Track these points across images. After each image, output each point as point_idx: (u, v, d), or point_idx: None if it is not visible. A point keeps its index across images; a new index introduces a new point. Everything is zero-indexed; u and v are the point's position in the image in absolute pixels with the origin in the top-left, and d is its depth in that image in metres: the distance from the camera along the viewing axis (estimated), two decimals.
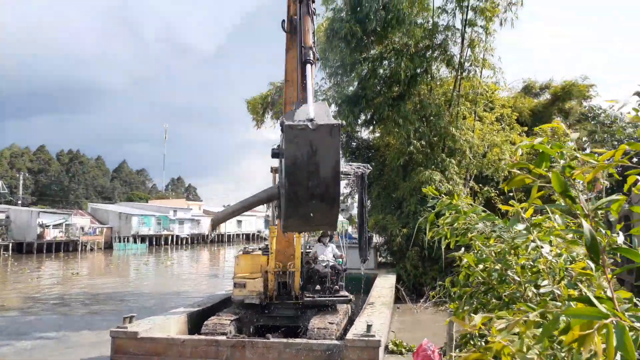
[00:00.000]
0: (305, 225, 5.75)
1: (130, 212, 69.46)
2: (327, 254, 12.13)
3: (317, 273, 11.48)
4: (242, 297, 11.12)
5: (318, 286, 11.27)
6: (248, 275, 11.36)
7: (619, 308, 1.53)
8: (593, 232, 1.29)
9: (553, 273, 2.39)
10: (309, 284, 11.51)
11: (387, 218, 18.47)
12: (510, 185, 1.56)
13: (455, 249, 3.26)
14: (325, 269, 11.54)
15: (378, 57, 19.08)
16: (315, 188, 4.65)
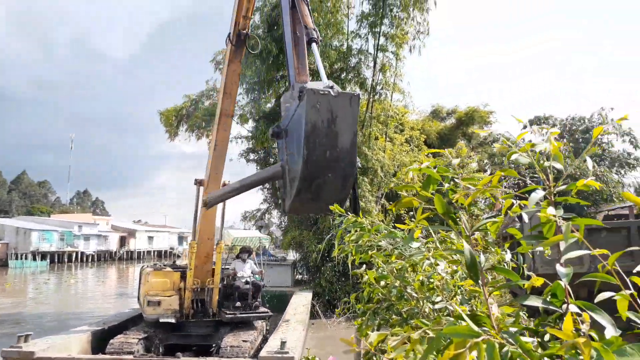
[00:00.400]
0: (313, 203, 5.16)
1: (29, 226, 64.23)
2: (246, 270, 12.07)
3: (237, 289, 11.40)
4: (157, 315, 10.69)
5: (238, 302, 11.20)
6: (160, 292, 10.94)
7: (496, 324, 1.63)
8: (472, 252, 1.36)
9: (448, 289, 2.52)
10: (228, 300, 11.37)
11: (303, 234, 18.59)
12: (398, 207, 1.62)
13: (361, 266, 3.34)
14: (246, 285, 11.49)
15: None
16: (332, 159, 4.45)
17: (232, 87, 10.24)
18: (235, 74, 10.09)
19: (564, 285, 1.25)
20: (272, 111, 19.81)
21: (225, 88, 10.21)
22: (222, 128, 10.53)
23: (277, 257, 22.54)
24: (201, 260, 11.20)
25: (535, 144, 1.32)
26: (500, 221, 1.50)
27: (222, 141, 10.73)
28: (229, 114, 10.54)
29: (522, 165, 1.42)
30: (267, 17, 18.87)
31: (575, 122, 30.64)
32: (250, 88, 20.20)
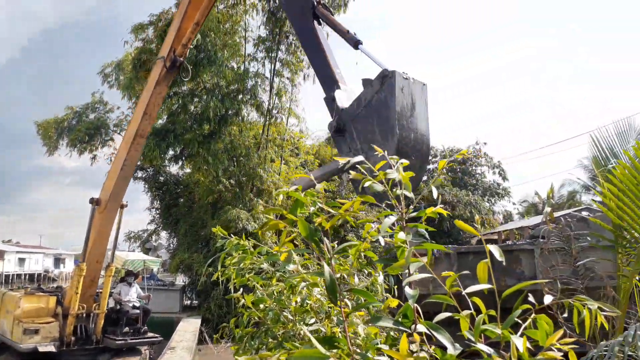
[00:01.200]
0: None
1: None
2: (132, 295, 11.53)
3: (125, 314, 10.87)
4: (34, 344, 9.71)
5: (127, 328, 10.73)
6: (37, 319, 9.99)
7: (358, 344, 1.70)
8: (332, 274, 1.41)
9: (323, 311, 2.58)
10: (112, 326, 10.79)
11: (193, 257, 18.01)
12: (265, 230, 1.64)
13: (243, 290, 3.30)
14: (134, 309, 11.04)
15: (189, 94, 19.01)
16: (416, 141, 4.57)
17: (153, 109, 10.00)
18: (160, 96, 9.90)
19: (412, 306, 1.33)
20: (162, 128, 19.18)
21: (147, 109, 9.87)
22: (134, 148, 10.13)
23: (166, 282, 21.52)
24: (86, 284, 10.46)
25: (388, 173, 1.41)
26: (360, 245, 1.58)
27: (132, 161, 10.34)
28: (144, 135, 10.23)
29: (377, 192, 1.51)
30: (161, 32, 18.45)
31: (453, 153, 33.30)
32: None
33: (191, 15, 8.95)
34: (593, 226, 5.81)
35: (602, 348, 2.95)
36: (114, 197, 10.28)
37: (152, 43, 18.88)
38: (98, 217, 10.28)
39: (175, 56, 9.30)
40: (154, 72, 9.88)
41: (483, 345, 1.16)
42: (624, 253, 4.05)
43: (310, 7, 5.84)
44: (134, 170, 10.56)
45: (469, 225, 1.48)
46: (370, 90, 4.68)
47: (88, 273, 10.33)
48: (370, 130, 4.69)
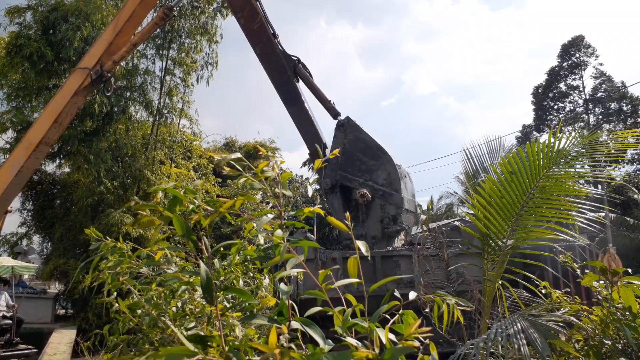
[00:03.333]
0: None
1: None
2: (1, 303, 10.53)
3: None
4: None
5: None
6: None
7: (236, 343, 1.67)
8: (209, 273, 1.38)
9: (204, 315, 2.51)
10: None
11: (69, 263, 16.64)
12: (138, 226, 1.57)
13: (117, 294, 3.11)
14: (5, 319, 10.26)
15: None
16: None
17: (66, 118, 9.23)
18: (76, 106, 9.19)
19: (287, 303, 1.35)
20: None
21: (59, 117, 8.99)
22: (35, 156, 9.17)
23: (37, 290, 19.62)
24: None
25: (265, 171, 1.42)
26: (239, 244, 1.56)
27: (30, 169, 9.38)
28: (50, 144, 9.30)
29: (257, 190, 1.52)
30: (42, 19, 17.03)
31: None
32: (13, 94, 17.71)
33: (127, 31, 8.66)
34: (464, 235, 6.33)
35: (469, 346, 3.21)
36: (2, 204, 9.32)
37: (30, 29, 17.40)
38: None
39: (102, 70, 8.81)
40: (72, 81, 9.20)
41: (351, 338, 1.21)
42: (489, 259, 4.45)
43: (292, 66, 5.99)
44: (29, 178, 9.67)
45: None
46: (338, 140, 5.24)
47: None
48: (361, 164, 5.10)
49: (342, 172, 5.23)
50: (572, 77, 42.83)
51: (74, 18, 16.81)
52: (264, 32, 6.23)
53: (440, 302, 1.38)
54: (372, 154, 5.19)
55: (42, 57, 16.38)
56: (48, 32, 17.03)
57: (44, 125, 9.32)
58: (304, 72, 6.21)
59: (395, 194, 5.32)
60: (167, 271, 2.36)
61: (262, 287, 3.04)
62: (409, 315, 1.39)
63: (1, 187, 9.23)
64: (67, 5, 17.43)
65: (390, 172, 5.03)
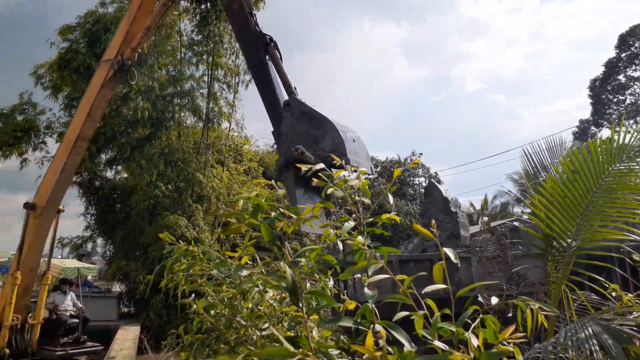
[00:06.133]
0: None
1: None
2: (68, 303, 11.06)
3: (63, 324, 10.48)
4: None
5: (65, 338, 10.37)
6: None
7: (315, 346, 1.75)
8: (294, 277, 1.46)
9: (275, 316, 2.60)
10: (48, 336, 10.32)
11: (130, 264, 17.40)
12: (226, 233, 1.67)
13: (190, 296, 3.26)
14: (73, 318, 10.64)
15: (123, 97, 18.53)
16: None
17: (97, 112, 9.66)
18: (105, 99, 9.60)
19: (371, 307, 1.41)
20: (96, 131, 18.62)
21: (90, 111, 9.49)
22: (75, 152, 9.68)
23: (101, 289, 20.64)
24: (19, 294, 9.92)
25: (348, 180, 1.48)
26: (318, 249, 1.63)
27: (73, 165, 9.89)
28: (87, 138, 9.83)
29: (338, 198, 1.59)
30: (87, 32, 18.11)
31: (392, 164, 34.22)
32: (69, 104, 18.80)
33: (140, 20, 8.86)
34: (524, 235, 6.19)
35: (536, 350, 3.16)
36: (52, 202, 9.81)
37: (79, 44, 18.50)
38: (33, 222, 9.76)
39: (123, 59, 9.10)
40: (98, 74, 9.59)
41: (439, 342, 1.25)
42: (553, 261, 4.35)
43: (264, 43, 6.12)
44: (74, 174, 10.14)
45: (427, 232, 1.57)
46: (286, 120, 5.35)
47: (22, 281, 9.78)
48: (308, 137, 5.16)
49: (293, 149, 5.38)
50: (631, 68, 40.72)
51: (112, 27, 17.63)
52: (242, 11, 6.41)
53: (524, 306, 1.40)
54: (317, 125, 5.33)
55: (88, 68, 17.32)
56: (94, 44, 18.02)
57: (79, 121, 9.81)
58: (274, 51, 6.36)
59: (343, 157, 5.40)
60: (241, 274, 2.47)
61: (327, 289, 3.11)
62: (489, 320, 1.42)
63: (50, 186, 9.79)
64: (108, 17, 18.35)
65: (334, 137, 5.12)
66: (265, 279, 1.84)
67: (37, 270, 10.31)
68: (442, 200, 10.31)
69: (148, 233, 17.68)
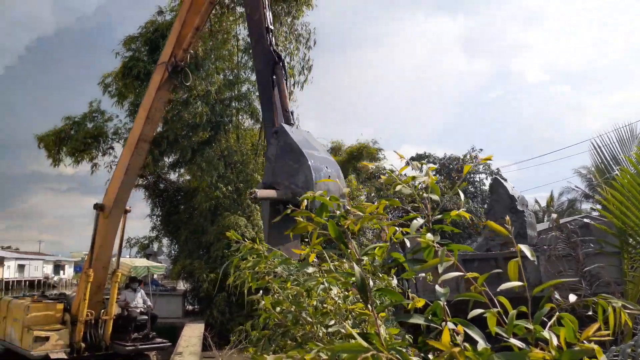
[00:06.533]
0: None
1: None
2: (138, 300, 11.61)
3: (133, 320, 10.98)
4: (45, 352, 9.79)
5: (135, 334, 10.84)
6: (47, 327, 10.04)
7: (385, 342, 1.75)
8: (363, 274, 1.48)
9: (340, 314, 2.63)
10: (119, 332, 10.87)
11: (194, 263, 18.04)
12: (295, 232, 1.71)
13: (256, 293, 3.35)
14: (142, 315, 11.14)
15: (184, 102, 19.23)
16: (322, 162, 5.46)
17: (155, 114, 10.09)
18: (162, 101, 9.99)
19: (442, 304, 1.40)
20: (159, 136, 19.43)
21: (149, 113, 9.96)
22: (137, 153, 10.18)
23: (167, 287, 21.55)
24: (93, 291, 10.51)
25: (416, 177, 1.48)
26: (385, 247, 1.64)
27: (135, 166, 10.39)
28: (147, 140, 10.31)
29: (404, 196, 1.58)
30: (148, 41, 18.91)
31: (450, 161, 33.41)
32: (133, 111, 19.73)
33: (190, 21, 9.04)
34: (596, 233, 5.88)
35: (613, 352, 3.00)
36: (118, 202, 10.34)
37: (141, 52, 19.38)
38: (102, 222, 10.33)
39: (176, 61, 9.37)
40: (155, 78, 9.93)
41: (515, 340, 1.22)
42: (629, 259, 4.11)
43: (271, 61, 6.40)
44: (137, 175, 10.59)
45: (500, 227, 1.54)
46: (272, 147, 5.60)
47: (95, 279, 10.37)
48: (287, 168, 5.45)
49: (273, 177, 5.63)
50: None
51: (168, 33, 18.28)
52: (261, 24, 6.60)
53: (606, 304, 1.34)
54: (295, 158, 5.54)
55: (148, 74, 18.04)
56: (154, 51, 18.76)
57: (139, 124, 10.22)
58: (280, 72, 6.61)
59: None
60: (307, 271, 2.51)
61: (391, 287, 3.11)
62: (567, 318, 1.37)
63: (116, 187, 10.29)
64: (165, 24, 19.04)
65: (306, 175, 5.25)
66: (334, 276, 1.86)
67: (108, 268, 10.87)
68: (508, 198, 9.96)
69: (210, 233, 18.26)
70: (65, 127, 21.61)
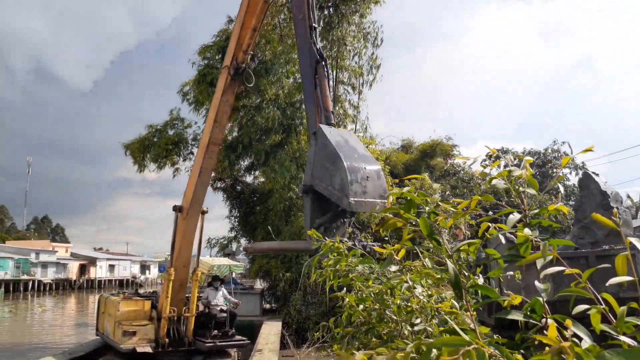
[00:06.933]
0: None
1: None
2: (220, 299, 12.05)
3: (214, 317, 11.34)
4: (132, 345, 10.45)
5: (215, 331, 11.16)
6: (135, 322, 10.76)
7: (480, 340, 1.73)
8: (457, 270, 1.47)
9: (425, 312, 2.61)
10: (202, 329, 11.29)
11: (271, 262, 18.49)
12: (384, 228, 1.72)
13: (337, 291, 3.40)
14: (222, 313, 11.48)
15: (256, 107, 19.77)
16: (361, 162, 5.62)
17: (222, 117, 10.45)
18: (227, 104, 10.31)
19: (542, 301, 1.36)
20: (235, 140, 20.12)
21: (216, 117, 10.35)
22: (208, 156, 10.60)
23: (245, 286, 22.27)
24: (175, 289, 11.04)
25: (512, 171, 1.44)
26: (478, 243, 1.61)
27: (208, 168, 10.83)
28: (217, 143, 10.70)
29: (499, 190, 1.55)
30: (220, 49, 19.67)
31: (531, 155, 31.88)
32: None
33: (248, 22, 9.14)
34: None
35: None
36: (194, 203, 10.79)
37: (215, 60, 20.19)
38: (181, 223, 10.84)
39: (237, 63, 9.58)
40: (220, 82, 10.20)
41: (625, 337, 1.17)
42: None
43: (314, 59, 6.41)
44: (210, 177, 10.99)
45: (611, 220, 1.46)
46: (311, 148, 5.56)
47: (176, 277, 10.88)
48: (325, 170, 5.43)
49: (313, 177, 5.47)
50: None
51: None
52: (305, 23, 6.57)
53: None
54: (331, 161, 5.38)
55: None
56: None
57: (208, 127, 10.52)
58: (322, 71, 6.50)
59: (344, 199, 5.32)
60: (391, 269, 2.52)
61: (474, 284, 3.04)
62: None
63: (191, 189, 10.72)
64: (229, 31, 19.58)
65: (342, 178, 5.02)
66: (428, 272, 1.86)
67: (189, 267, 11.36)
68: (600, 194, 9.31)
69: (285, 233, 18.64)
70: (149, 135, 22.97)
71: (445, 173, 29.95)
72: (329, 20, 20.05)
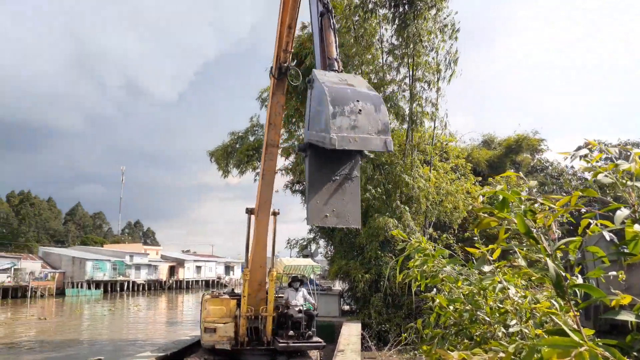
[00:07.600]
0: None
1: (84, 256, 66.87)
2: (299, 299, 12.15)
3: (290, 318, 11.42)
4: (213, 342, 10.94)
5: (292, 332, 11.22)
6: (218, 319, 11.19)
7: None
8: (557, 269, 1.42)
9: (520, 313, 2.52)
10: (281, 329, 11.43)
11: (350, 264, 18.52)
12: (479, 228, 1.69)
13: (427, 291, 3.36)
14: (299, 314, 11.52)
15: None
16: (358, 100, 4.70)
17: (276, 118, 10.57)
18: (279, 105, 10.42)
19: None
20: None
21: (270, 119, 10.56)
22: (268, 158, 10.81)
23: (324, 287, 22.52)
24: (254, 288, 11.34)
25: (619, 164, 1.37)
26: (578, 241, 1.55)
27: (269, 170, 11.02)
28: (274, 144, 10.84)
29: (605, 185, 1.46)
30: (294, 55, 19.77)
31: (631, 146, 29.58)
32: (287, 121, 20.87)
33: (286, 20, 9.17)
34: None
35: None
36: (263, 205, 11.03)
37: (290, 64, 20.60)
38: (254, 225, 11.17)
39: (280, 64, 9.66)
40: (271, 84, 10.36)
41: None
42: None
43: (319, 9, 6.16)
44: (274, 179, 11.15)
45: None
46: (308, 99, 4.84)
47: (254, 277, 11.16)
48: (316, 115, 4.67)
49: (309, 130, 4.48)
50: None
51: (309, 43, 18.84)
52: None
53: None
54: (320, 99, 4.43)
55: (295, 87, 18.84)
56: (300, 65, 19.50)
57: (266, 130, 10.65)
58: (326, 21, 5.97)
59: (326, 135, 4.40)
60: (484, 269, 2.46)
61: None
62: None
63: (259, 190, 10.95)
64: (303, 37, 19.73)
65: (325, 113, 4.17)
66: (526, 271, 1.81)
67: (265, 267, 11.58)
68: None
69: (362, 234, 18.62)
70: (231, 142, 23.92)
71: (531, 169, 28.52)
72: (404, 17, 19.77)
